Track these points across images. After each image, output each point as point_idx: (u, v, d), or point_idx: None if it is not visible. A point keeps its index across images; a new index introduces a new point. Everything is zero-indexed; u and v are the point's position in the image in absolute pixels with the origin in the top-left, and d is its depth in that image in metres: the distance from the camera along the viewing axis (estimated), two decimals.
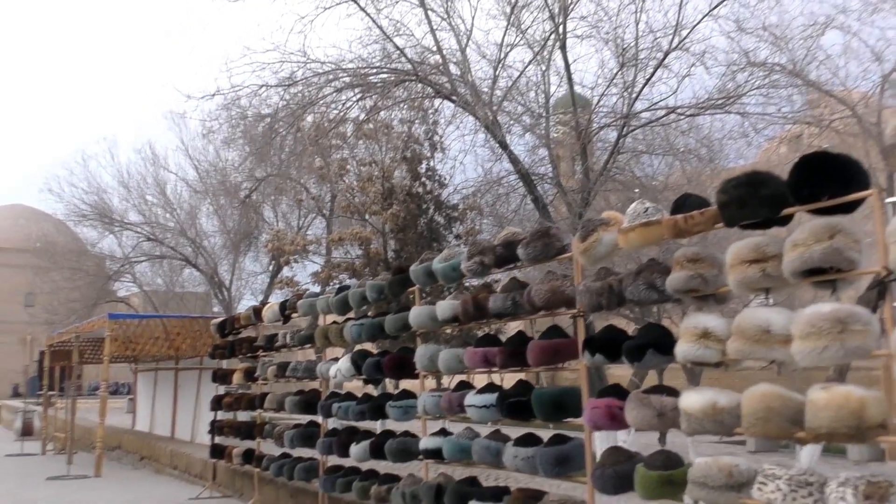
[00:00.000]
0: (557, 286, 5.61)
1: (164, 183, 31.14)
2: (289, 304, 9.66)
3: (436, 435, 6.81)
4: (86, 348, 20.95)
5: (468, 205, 18.24)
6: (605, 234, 5.13)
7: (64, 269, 33.39)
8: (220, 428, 11.54)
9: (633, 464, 4.87)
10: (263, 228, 28.99)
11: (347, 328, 8.04)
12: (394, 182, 18.97)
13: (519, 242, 5.92)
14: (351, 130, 16.65)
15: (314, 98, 13.19)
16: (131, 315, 20.69)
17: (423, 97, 13.65)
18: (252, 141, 18.23)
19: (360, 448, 7.74)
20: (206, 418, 15.47)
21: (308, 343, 9.16)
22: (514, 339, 6.06)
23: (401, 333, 7.52)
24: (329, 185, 21.74)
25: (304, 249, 20.53)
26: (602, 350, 5.08)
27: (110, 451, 18.50)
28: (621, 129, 12.71)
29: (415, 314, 6.99)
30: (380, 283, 7.69)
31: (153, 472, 15.80)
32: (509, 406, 5.85)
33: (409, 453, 7.18)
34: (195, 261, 30.29)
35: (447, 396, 6.58)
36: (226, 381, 11.65)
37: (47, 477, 14.83)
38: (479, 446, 6.14)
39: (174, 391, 18.32)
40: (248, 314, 10.90)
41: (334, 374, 8.33)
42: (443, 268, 6.66)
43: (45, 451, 20.24)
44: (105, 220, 30.87)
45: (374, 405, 7.68)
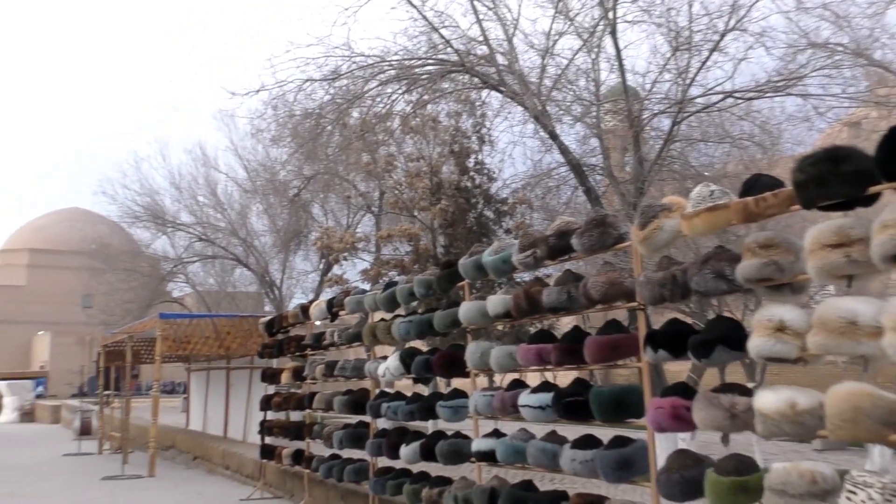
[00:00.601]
0: (616, 278, 5.26)
1: (215, 183, 31.42)
2: (336, 301, 9.44)
3: (489, 436, 6.50)
4: (141, 348, 21.16)
5: (518, 198, 17.88)
6: (666, 221, 4.76)
7: (119, 271, 33.93)
8: (270, 428, 11.40)
9: (702, 468, 4.51)
10: (313, 227, 29.01)
11: (395, 325, 7.78)
12: (442, 177, 18.69)
13: (573, 232, 5.59)
14: (397, 125, 16.39)
15: (360, 92, 12.98)
16: (182, 315, 20.80)
17: (471, 88, 13.31)
18: (299, 138, 18.16)
19: (411, 449, 7.48)
20: (257, 418, 15.41)
21: (356, 341, 8.93)
22: (570, 334, 5.73)
23: (450, 330, 7.23)
24: (377, 181, 21.56)
25: (353, 247, 20.38)
26: (666, 346, 4.73)
27: (164, 451, 18.60)
28: (676, 116, 12.22)
29: (465, 310, 6.69)
30: (428, 278, 7.41)
31: (206, 471, 15.80)
32: (566, 406, 5.52)
33: (461, 455, 6.89)
34: (246, 260, 30.49)
35: (500, 396, 6.27)
36: (275, 381, 11.50)
37: (102, 477, 14.92)
38: (535, 448, 5.83)
39: (226, 390, 18.33)
40: (295, 312, 10.73)
41: (383, 373, 8.08)
42: (493, 261, 6.35)
43: (101, 450, 20.46)
44: (158, 221, 31.25)
45: (425, 405, 7.41)
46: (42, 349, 60.20)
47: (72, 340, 54.47)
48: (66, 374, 51.87)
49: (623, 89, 12.87)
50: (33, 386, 46.67)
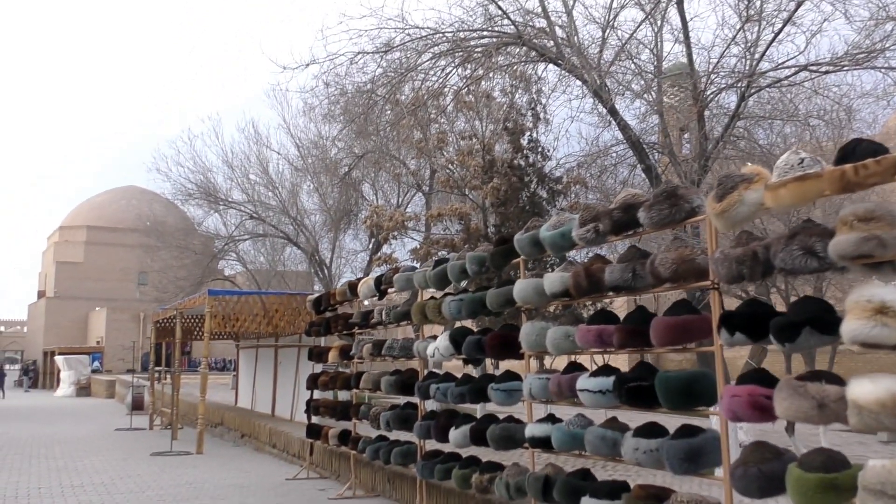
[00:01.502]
0: (687, 254, 4.85)
1: (267, 161, 31.36)
2: (384, 278, 9.14)
3: (543, 421, 6.15)
4: (191, 325, 21.25)
5: (572, 178, 17.37)
6: (747, 193, 4.33)
7: (172, 248, 34.24)
8: (317, 408, 11.19)
9: (784, 463, 4.11)
10: (363, 206, 28.83)
11: (446, 304, 7.45)
12: (494, 155, 18.26)
13: (640, 205, 5.18)
14: (452, 98, 15.99)
15: (413, 65, 12.61)
16: (230, 291, 20.80)
17: (528, 62, 12.84)
18: (350, 115, 17.89)
19: (461, 433, 7.17)
20: (305, 396, 15.28)
21: (404, 320, 8.63)
22: (634, 315, 5.33)
23: (504, 309, 6.87)
24: (428, 159, 21.21)
25: (403, 226, 20.08)
26: (744, 328, 4.31)
27: (213, 428, 18.64)
28: (745, 90, 11.60)
29: (520, 288, 6.32)
30: (481, 254, 7.06)
31: (253, 449, 15.74)
32: (629, 391, 5.13)
33: (513, 440, 6.55)
34: (296, 239, 30.47)
35: (556, 379, 5.90)
36: (322, 359, 11.28)
37: (151, 452, 14.94)
38: (594, 436, 5.46)
39: (274, 368, 18.28)
40: (343, 290, 10.47)
41: (432, 353, 7.76)
42: (551, 236, 5.96)
43: (152, 425, 20.62)
44: (210, 198, 31.36)
45: (476, 387, 7.08)
46: (98, 325, 61.44)
47: (127, 317, 55.53)
48: (120, 349, 52.86)
49: (689, 63, 12.26)
50: (90, 361, 47.62)
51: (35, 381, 53.08)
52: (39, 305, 69.71)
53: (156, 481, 11.70)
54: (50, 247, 72.83)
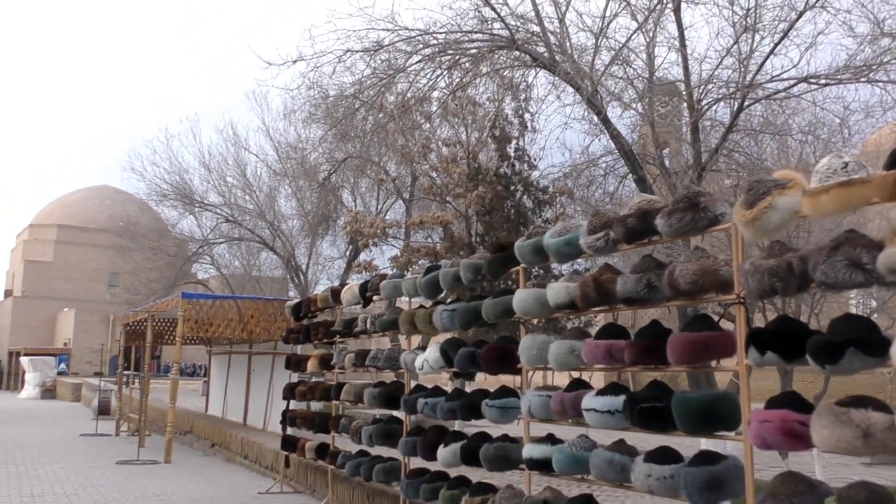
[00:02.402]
0: (709, 265, 4.48)
1: (245, 164, 30.81)
2: (370, 285, 8.71)
3: (542, 442, 5.76)
4: (163, 329, 20.64)
5: (558, 188, 17.06)
6: (780, 199, 3.99)
7: (145, 250, 33.52)
8: (293, 419, 10.70)
9: (818, 496, 3.75)
10: (341, 212, 28.36)
11: (437, 313, 7.03)
12: (480, 163, 17.91)
13: (657, 212, 4.81)
14: (438, 104, 15.63)
15: (402, 66, 12.21)
16: (205, 295, 20.21)
17: (520, 66, 12.49)
18: (333, 120, 17.46)
19: (450, 451, 6.74)
20: (279, 406, 14.74)
21: (391, 329, 8.20)
22: (647, 330, 4.96)
23: (500, 320, 6.48)
24: (410, 165, 20.81)
25: (384, 232, 19.66)
26: (775, 347, 3.94)
27: (182, 436, 18.05)
28: (742, 101, 11.33)
29: (520, 298, 5.93)
30: (477, 261, 6.66)
31: (224, 459, 15.19)
32: (641, 413, 4.75)
33: (508, 461, 6.15)
34: (273, 244, 29.90)
35: (559, 396, 5.51)
36: (300, 369, 10.81)
37: (117, 460, 14.36)
38: (600, 459, 5.07)
39: (247, 376, 17.73)
40: (325, 296, 10.02)
41: (420, 366, 7.33)
42: (557, 243, 5.59)
43: (118, 431, 19.96)
44: (185, 200, 30.71)
45: (467, 403, 6.66)
46: (66, 326, 60.23)
47: (96, 318, 54.53)
48: (88, 352, 51.81)
49: (684, 72, 11.98)
50: (56, 363, 46.59)
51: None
52: (6, 304, 68.22)
53: (121, 492, 11.16)
54: (19, 245, 71.42)
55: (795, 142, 13.04)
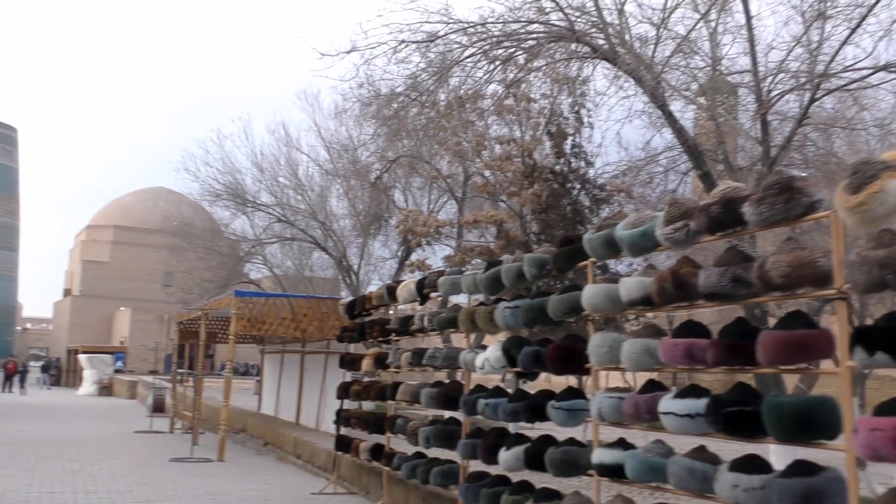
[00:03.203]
0: (805, 257, 4.10)
1: (297, 164, 30.79)
2: (428, 281, 8.45)
3: (613, 447, 5.41)
4: (216, 327, 20.68)
5: (615, 186, 16.60)
6: (891, 182, 3.60)
7: (198, 250, 33.80)
8: (347, 419, 10.50)
9: None
10: (393, 211, 28.20)
11: (500, 311, 6.74)
12: (535, 160, 17.53)
13: (745, 199, 4.44)
14: (492, 101, 15.34)
15: (456, 59, 11.92)
16: (258, 293, 20.21)
17: (579, 58, 12.11)
18: (384, 120, 17.29)
19: (512, 454, 6.43)
20: (331, 405, 14.60)
21: (449, 327, 7.92)
22: (732, 328, 4.59)
23: (567, 318, 6.14)
24: (463, 163, 20.51)
25: (437, 231, 19.39)
26: (887, 347, 3.56)
27: (235, 434, 18.03)
28: (814, 93, 10.79)
29: (590, 294, 5.59)
30: (542, 256, 6.34)
31: (276, 459, 15.07)
32: (727, 417, 4.38)
33: (576, 467, 5.82)
34: (325, 244, 29.85)
35: (633, 399, 5.17)
36: (354, 368, 10.60)
37: (171, 458, 14.33)
38: (679, 467, 4.71)
39: (300, 375, 17.61)
40: (380, 293, 9.79)
41: (481, 365, 7.04)
42: (630, 235, 5.24)
43: (172, 429, 20.06)
44: (238, 200, 30.83)
45: (532, 404, 6.34)
46: (122, 325, 61.37)
47: (151, 317, 55.32)
48: (143, 350, 52.61)
49: (752, 63, 11.46)
50: (112, 360, 47.37)
51: (58, 378, 52.94)
52: (65, 303, 69.90)
53: (174, 490, 11.07)
54: (77, 245, 73.10)
55: (868, 136, 12.41)
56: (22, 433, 18.66)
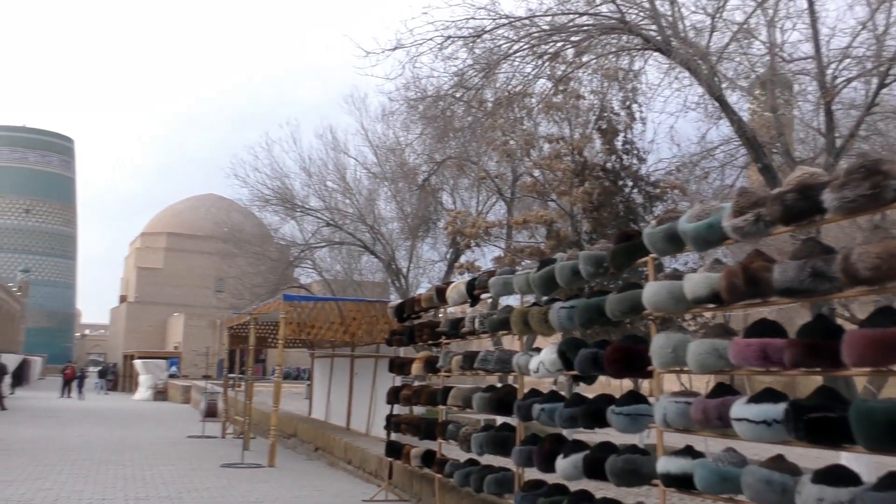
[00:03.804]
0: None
1: (344, 168, 30.77)
2: (478, 282, 8.16)
3: (680, 455, 5.05)
4: (266, 332, 20.66)
5: (669, 183, 16.12)
6: None
7: (249, 255, 34.00)
8: (397, 424, 10.25)
9: None
10: (441, 214, 28.00)
11: (554, 311, 6.42)
12: (585, 157, 17.14)
13: (824, 185, 4.07)
14: (539, 99, 15.00)
15: (506, 52, 11.61)
16: (306, 297, 20.13)
17: (630, 50, 11.70)
18: (431, 121, 17.09)
19: (570, 462, 6.11)
20: (381, 410, 14.37)
21: (501, 329, 7.62)
22: (812, 326, 4.22)
23: (627, 318, 5.81)
24: (512, 162, 20.18)
25: (486, 232, 19.09)
26: None
27: (286, 439, 17.95)
28: (882, 79, 10.25)
29: (652, 292, 5.25)
30: (599, 253, 6.00)
31: (327, 464, 14.91)
32: (810, 424, 4.01)
33: (639, 476, 5.47)
34: (373, 247, 29.77)
35: (701, 404, 4.81)
36: (403, 372, 10.35)
37: (222, 463, 14.26)
38: (755, 478, 4.34)
39: (350, 379, 17.46)
40: (429, 295, 9.53)
41: (535, 368, 6.73)
42: (696, 228, 4.89)
43: (224, 434, 20.08)
44: (287, 205, 30.92)
45: (590, 409, 6.01)
46: (176, 330, 62.23)
47: (204, 323, 56.03)
48: (196, 355, 53.23)
49: (815, 49, 10.94)
50: (167, 365, 47.98)
51: (115, 383, 53.86)
52: (121, 310, 71.21)
53: (224, 496, 10.96)
54: (132, 252, 74.45)
55: None
56: (79, 438, 18.83)
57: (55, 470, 13.02)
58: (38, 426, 22.29)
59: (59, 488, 11.25)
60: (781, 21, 11.85)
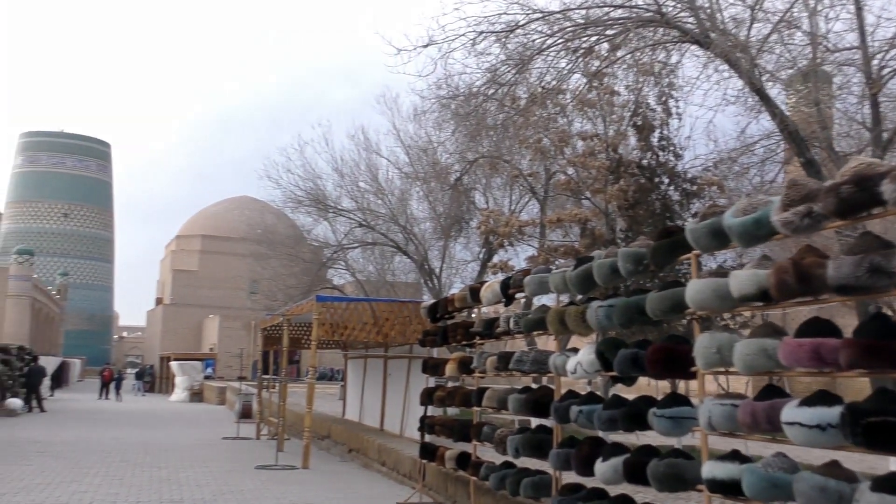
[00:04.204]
0: None
1: (377, 168, 30.71)
2: (513, 281, 7.98)
3: (727, 459, 4.84)
4: (299, 333, 20.65)
5: (706, 179, 15.79)
6: None
7: (282, 257, 34.11)
8: (431, 425, 10.10)
9: None
10: (474, 213, 27.82)
11: (592, 310, 6.23)
12: (620, 154, 16.85)
13: (883, 176, 3.84)
14: (573, 96, 14.77)
15: (539, 46, 11.41)
16: (339, 298, 20.08)
17: (667, 42, 11.42)
18: (463, 119, 16.93)
19: (610, 466, 5.91)
20: (414, 411, 14.25)
21: (537, 329, 7.44)
22: (870, 326, 3.99)
23: (669, 317, 5.60)
24: (545, 160, 19.91)
25: (520, 231, 18.88)
26: None
27: (320, 440, 17.90)
28: None
29: (696, 290, 5.04)
30: (638, 250, 5.80)
31: (361, 466, 14.81)
32: (868, 428, 3.78)
33: (682, 481, 5.25)
34: (406, 247, 29.68)
35: (749, 406, 4.60)
36: (437, 373, 10.19)
37: (256, 465, 14.23)
38: (809, 485, 4.11)
39: (383, 380, 17.36)
40: (463, 295, 9.37)
41: (573, 369, 6.54)
42: (742, 223, 4.68)
43: (259, 435, 20.10)
44: (319, 206, 30.94)
45: (631, 412, 5.81)
46: (211, 332, 62.75)
47: (238, 324, 56.33)
48: (231, 356, 53.60)
49: (861, 39, 10.61)
50: (203, 367, 48.35)
51: (152, 385, 54.41)
52: (157, 312, 71.98)
53: (258, 499, 10.89)
54: (167, 255, 75.22)
55: None
56: (115, 440, 18.95)
57: (91, 473, 13.07)
58: (76, 428, 22.51)
59: (94, 491, 11.27)
60: (825, 10, 11.52)
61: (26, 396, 28.73)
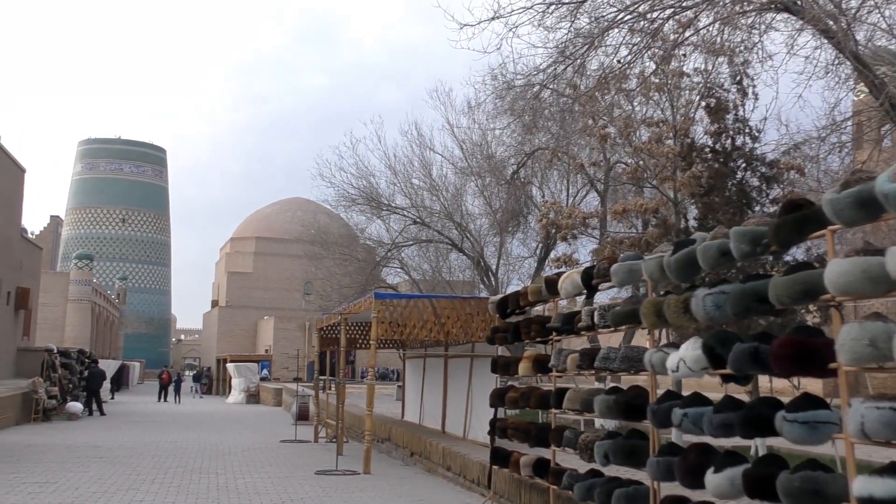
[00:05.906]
0: None
1: (430, 165, 30.07)
2: (597, 270, 7.21)
3: (885, 474, 4.03)
4: (356, 333, 20.13)
5: (787, 163, 14.78)
6: None
7: (336, 257, 33.76)
8: (504, 429, 9.38)
9: None
10: (531, 208, 27.02)
11: (698, 299, 5.44)
12: (692, 139, 15.92)
13: None
14: (638, 81, 13.93)
15: (610, 23, 10.60)
16: (398, 294, 19.48)
17: (755, 10, 10.49)
18: (520, 111, 16.23)
19: (726, 478, 5.12)
20: (478, 413, 13.56)
21: (628, 323, 6.67)
22: None
23: (796, 305, 4.80)
24: (607, 150, 19.05)
25: (584, 223, 18.05)
26: None
27: (379, 443, 17.31)
28: None
29: (839, 272, 4.23)
30: (757, 229, 5.01)
31: (424, 470, 14.15)
32: None
33: (824, 498, 4.44)
34: (461, 244, 29.02)
35: None
36: (509, 372, 9.47)
37: (316, 470, 13.67)
38: None
39: (444, 380, 16.68)
40: (537, 288, 8.63)
41: (675, 367, 5.76)
42: None
43: (317, 438, 19.62)
44: (373, 204, 30.43)
45: (750, 415, 5.01)
46: (267, 333, 62.87)
47: (293, 325, 56.34)
48: (287, 358, 53.55)
49: None
50: (259, 369, 48.35)
51: (209, 387, 54.70)
52: (213, 314, 72.53)
53: None
54: (222, 258, 75.82)
55: None
56: (173, 444, 18.63)
57: (148, 479, 12.64)
58: (135, 431, 22.32)
59: (150, 499, 10.82)
60: None
61: (86, 400, 28.82)
